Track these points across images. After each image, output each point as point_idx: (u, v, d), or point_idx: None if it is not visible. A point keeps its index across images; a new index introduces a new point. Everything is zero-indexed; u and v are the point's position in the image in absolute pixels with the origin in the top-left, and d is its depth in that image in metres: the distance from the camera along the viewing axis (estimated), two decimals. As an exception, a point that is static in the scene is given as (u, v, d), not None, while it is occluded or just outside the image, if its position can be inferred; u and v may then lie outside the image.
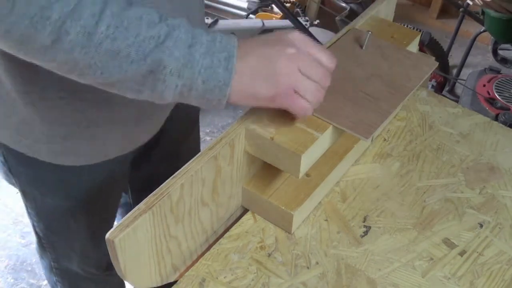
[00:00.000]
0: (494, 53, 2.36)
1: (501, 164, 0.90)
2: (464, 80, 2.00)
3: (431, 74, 1.30)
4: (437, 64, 0.86)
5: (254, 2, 2.50)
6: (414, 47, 0.95)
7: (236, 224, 0.78)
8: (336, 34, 0.89)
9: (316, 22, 2.33)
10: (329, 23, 2.29)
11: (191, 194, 0.67)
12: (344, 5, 2.24)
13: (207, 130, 2.26)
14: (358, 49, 0.85)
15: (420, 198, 0.84)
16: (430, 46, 2.07)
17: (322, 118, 0.72)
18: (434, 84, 2.17)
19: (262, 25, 2.27)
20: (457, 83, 2.31)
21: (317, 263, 0.74)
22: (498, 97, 1.77)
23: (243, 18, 2.47)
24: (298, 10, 2.48)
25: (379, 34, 0.90)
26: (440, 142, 0.93)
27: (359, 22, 0.92)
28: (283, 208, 0.75)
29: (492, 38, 2.28)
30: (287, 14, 1.89)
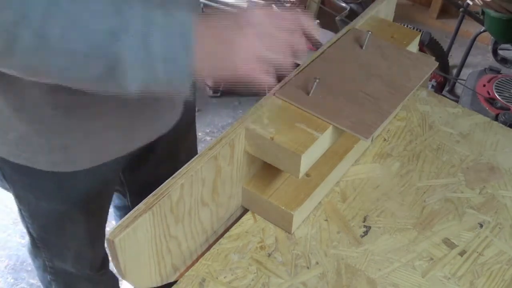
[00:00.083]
0: (494, 53, 2.35)
1: (501, 164, 0.90)
2: (464, 80, 2.00)
3: (431, 74, 1.30)
4: (437, 64, 0.86)
5: (254, 2, 2.49)
6: (414, 47, 0.95)
7: (236, 224, 0.78)
8: (336, 34, 0.89)
9: (316, 22, 2.33)
10: (329, 23, 2.28)
11: (191, 194, 0.67)
12: (344, 5, 2.24)
13: (207, 130, 2.25)
14: (358, 49, 0.85)
15: (420, 198, 0.84)
16: (430, 46, 2.06)
17: (322, 118, 0.72)
18: (434, 84, 2.17)
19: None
20: (457, 83, 2.31)
21: (317, 263, 0.74)
22: (498, 97, 1.77)
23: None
24: (298, 10, 2.47)
25: (379, 34, 0.90)
26: (440, 142, 0.93)
27: (359, 22, 0.92)
28: (283, 208, 0.75)
29: (492, 38, 2.28)
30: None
